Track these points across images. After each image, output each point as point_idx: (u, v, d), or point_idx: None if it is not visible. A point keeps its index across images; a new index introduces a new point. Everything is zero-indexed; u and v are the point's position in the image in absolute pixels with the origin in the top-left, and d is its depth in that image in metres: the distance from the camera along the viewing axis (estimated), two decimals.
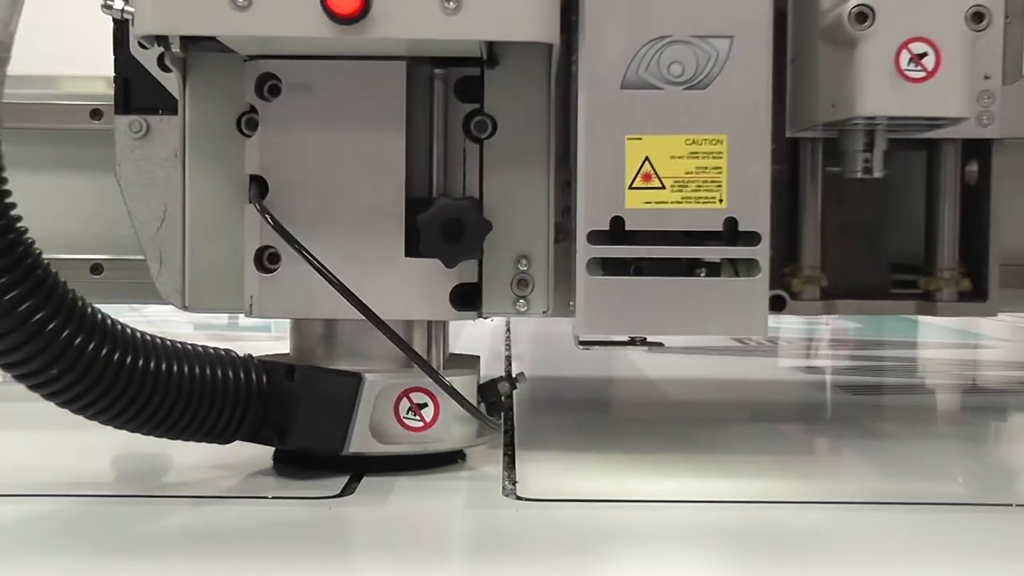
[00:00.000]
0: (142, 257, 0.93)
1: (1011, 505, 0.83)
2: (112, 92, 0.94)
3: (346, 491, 0.80)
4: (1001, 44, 0.95)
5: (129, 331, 0.77)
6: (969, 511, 0.81)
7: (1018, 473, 0.98)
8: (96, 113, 1.09)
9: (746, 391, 1.46)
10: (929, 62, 0.81)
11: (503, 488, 0.81)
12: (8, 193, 0.72)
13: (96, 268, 1.14)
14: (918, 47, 0.81)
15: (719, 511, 0.78)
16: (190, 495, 0.80)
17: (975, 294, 0.99)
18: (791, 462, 0.97)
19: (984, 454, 1.09)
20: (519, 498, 0.78)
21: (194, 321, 2.15)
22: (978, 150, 0.99)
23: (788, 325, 2.25)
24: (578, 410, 1.27)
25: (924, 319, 2.35)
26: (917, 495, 0.84)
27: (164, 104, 0.92)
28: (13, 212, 0.72)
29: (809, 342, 2.15)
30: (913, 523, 0.76)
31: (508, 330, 1.94)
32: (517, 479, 0.84)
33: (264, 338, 1.81)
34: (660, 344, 1.03)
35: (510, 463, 0.89)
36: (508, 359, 1.61)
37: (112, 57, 0.93)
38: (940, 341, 2.21)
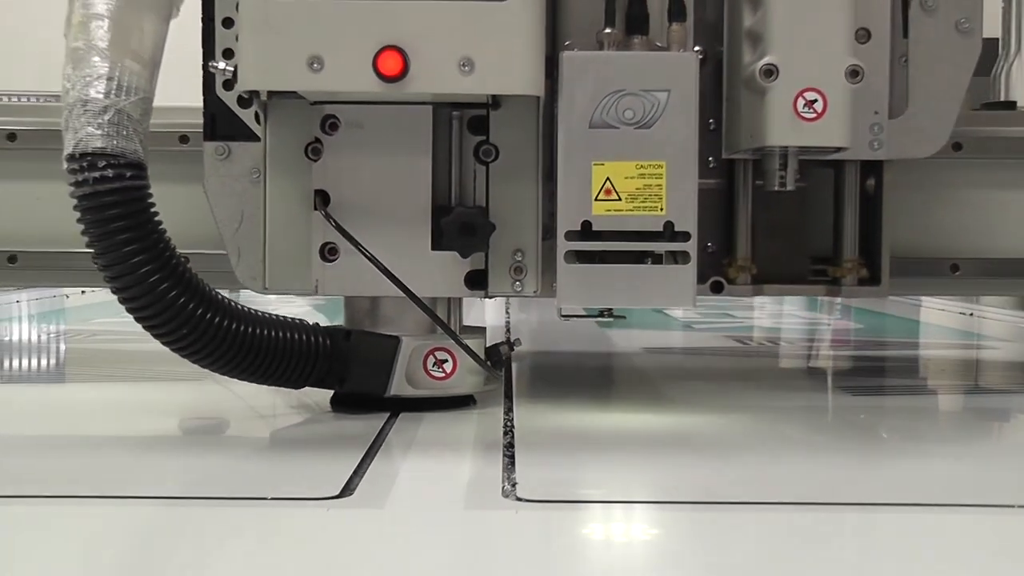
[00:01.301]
0: (222, 252, 1.22)
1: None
2: (200, 122, 1.23)
3: (346, 491, 0.84)
4: (888, 87, 1.23)
5: (233, 304, 1.06)
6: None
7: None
8: (184, 138, 1.37)
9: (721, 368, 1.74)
10: (819, 106, 1.10)
11: (503, 490, 0.87)
12: (153, 204, 1.01)
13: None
14: (810, 95, 1.10)
15: (713, 512, 0.84)
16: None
17: (871, 280, 1.28)
18: (713, 402, 1.27)
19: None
20: (519, 499, 0.84)
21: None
22: (874, 168, 1.28)
23: (790, 325, 2.52)
24: (569, 376, 1.57)
25: (925, 320, 2.61)
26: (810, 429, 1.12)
27: (241, 134, 1.21)
28: (157, 218, 1.01)
29: (810, 342, 2.31)
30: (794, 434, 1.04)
31: (508, 309, 2.24)
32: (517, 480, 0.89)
33: None
34: (623, 317, 1.32)
35: (510, 464, 0.95)
36: (508, 329, 1.91)
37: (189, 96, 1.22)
38: (940, 341, 2.34)
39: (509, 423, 1.10)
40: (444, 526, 0.79)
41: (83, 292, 2.91)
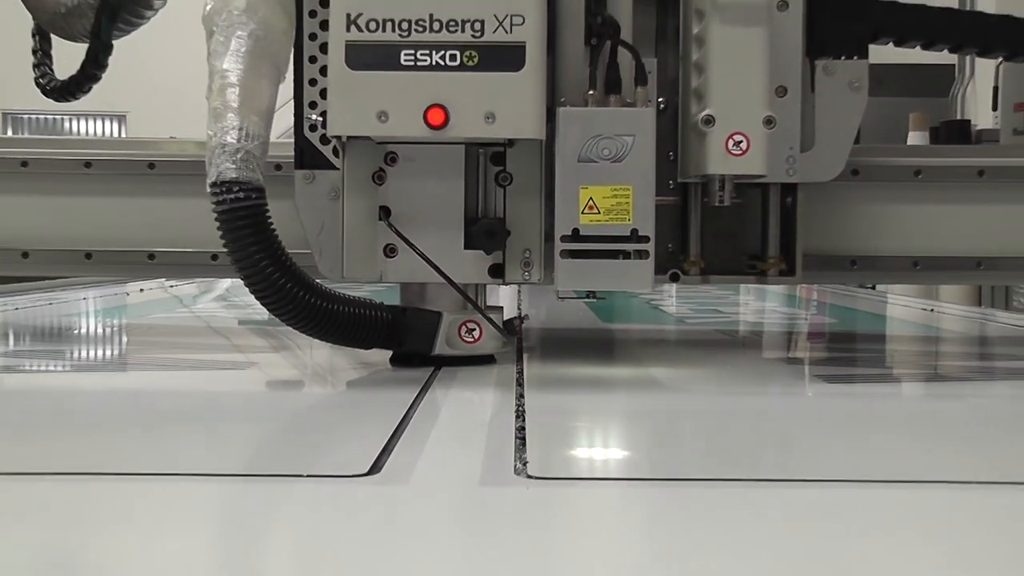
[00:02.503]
0: (307, 251, 1.65)
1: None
2: (291, 155, 1.66)
3: (374, 470, 0.94)
4: (799, 129, 1.66)
5: (326, 289, 1.48)
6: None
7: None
8: (278, 167, 1.79)
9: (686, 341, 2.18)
10: (744, 146, 1.52)
11: (514, 468, 0.96)
12: (270, 217, 1.44)
13: None
14: (737, 137, 1.53)
15: (718, 488, 0.93)
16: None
17: (789, 272, 1.71)
18: (678, 362, 1.70)
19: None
20: (530, 476, 0.93)
21: (239, 318, 2.73)
22: (791, 189, 1.71)
23: (773, 320, 2.92)
24: (565, 345, 2.00)
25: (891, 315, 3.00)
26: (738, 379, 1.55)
27: (322, 164, 1.64)
28: (272, 226, 1.44)
29: (789, 335, 2.62)
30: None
31: (520, 293, 2.69)
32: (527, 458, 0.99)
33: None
34: (603, 298, 1.75)
35: (522, 444, 1.06)
36: (520, 308, 2.35)
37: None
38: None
39: (520, 401, 1.52)
40: (461, 501, 0.88)
41: (141, 290, 3.34)
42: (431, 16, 1.46)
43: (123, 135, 12.77)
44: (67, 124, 13.72)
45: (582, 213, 1.49)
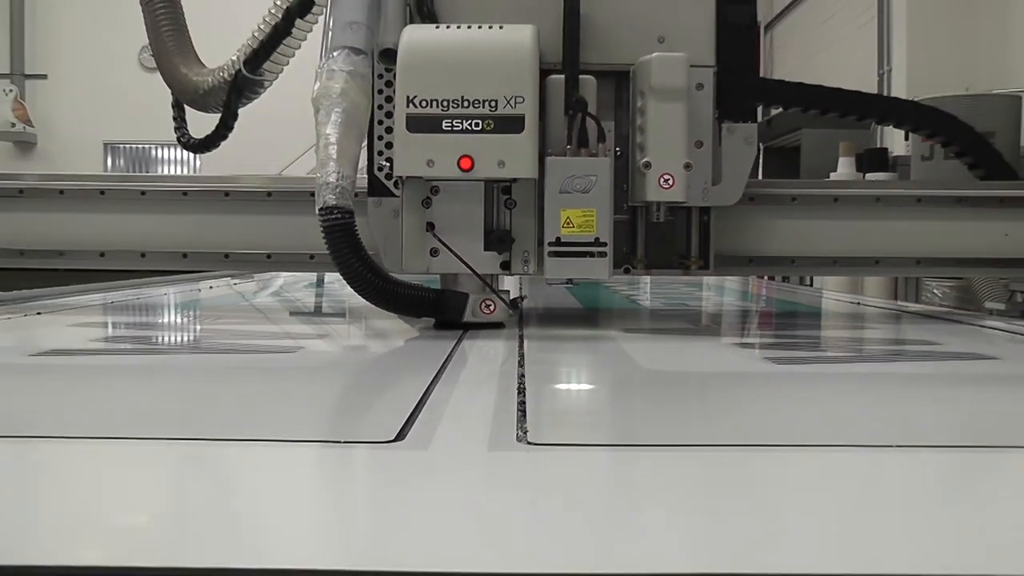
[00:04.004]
0: (374, 252, 2.41)
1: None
2: (364, 187, 2.43)
3: (399, 437, 1.08)
4: (711, 169, 2.43)
5: (392, 276, 2.25)
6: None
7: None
8: (357, 194, 2.55)
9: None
10: (670, 182, 2.30)
11: (517, 436, 1.11)
12: (357, 231, 2.20)
13: None
14: (666, 176, 2.30)
15: (705, 454, 1.07)
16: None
17: (705, 267, 2.48)
18: (629, 325, 2.46)
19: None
20: (529, 443, 1.08)
21: (288, 308, 3.39)
22: (707, 210, 2.48)
23: (729, 310, 3.68)
24: (553, 318, 2.77)
25: (825, 308, 3.78)
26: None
27: (386, 193, 2.41)
28: (359, 236, 2.20)
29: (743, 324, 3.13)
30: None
31: (521, 282, 3.45)
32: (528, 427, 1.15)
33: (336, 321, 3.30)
34: (578, 284, 2.52)
35: (522, 416, 1.20)
36: (520, 290, 3.12)
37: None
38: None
39: (521, 350, 2.29)
40: (472, 464, 1.03)
41: (211, 287, 4.01)
42: (462, 97, 2.23)
43: (198, 162, 14.45)
44: (153, 152, 15.08)
45: (562, 227, 2.27)
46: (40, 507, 0.88)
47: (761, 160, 10.04)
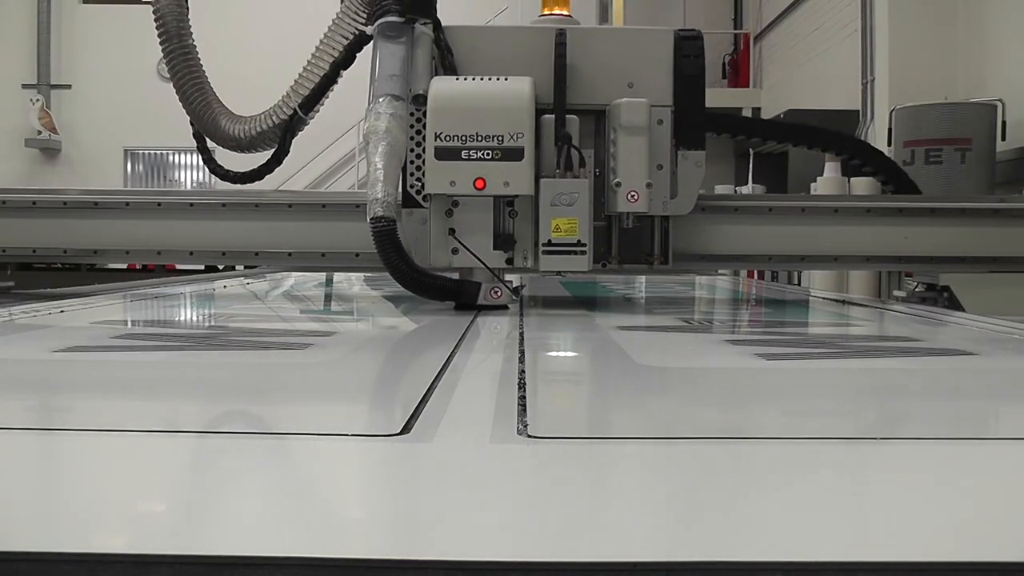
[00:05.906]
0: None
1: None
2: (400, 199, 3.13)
3: (407, 427, 1.10)
4: (669, 187, 3.14)
5: (423, 269, 2.95)
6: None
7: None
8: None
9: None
10: (635, 197, 3.00)
11: (517, 429, 1.13)
12: (397, 235, 2.91)
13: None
14: (632, 193, 3.00)
15: (694, 446, 1.11)
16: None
17: (666, 263, 3.18)
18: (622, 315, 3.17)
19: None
20: (530, 436, 1.09)
21: (299, 307, 3.85)
22: (667, 218, 3.18)
23: (721, 310, 4.37)
24: (549, 303, 3.48)
25: (813, 306, 4.48)
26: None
27: (417, 205, 3.12)
28: (400, 240, 2.91)
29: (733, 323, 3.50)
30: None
31: (521, 279, 4.15)
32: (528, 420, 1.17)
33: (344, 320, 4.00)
34: (566, 276, 3.23)
35: (523, 409, 1.23)
36: (521, 284, 3.82)
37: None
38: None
39: (521, 324, 2.98)
40: (475, 456, 1.05)
41: (224, 287, 4.04)
42: (477, 133, 2.93)
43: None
44: (171, 157, 15.73)
45: (552, 232, 2.97)
46: (64, 496, 0.90)
47: (751, 164, 10.75)
